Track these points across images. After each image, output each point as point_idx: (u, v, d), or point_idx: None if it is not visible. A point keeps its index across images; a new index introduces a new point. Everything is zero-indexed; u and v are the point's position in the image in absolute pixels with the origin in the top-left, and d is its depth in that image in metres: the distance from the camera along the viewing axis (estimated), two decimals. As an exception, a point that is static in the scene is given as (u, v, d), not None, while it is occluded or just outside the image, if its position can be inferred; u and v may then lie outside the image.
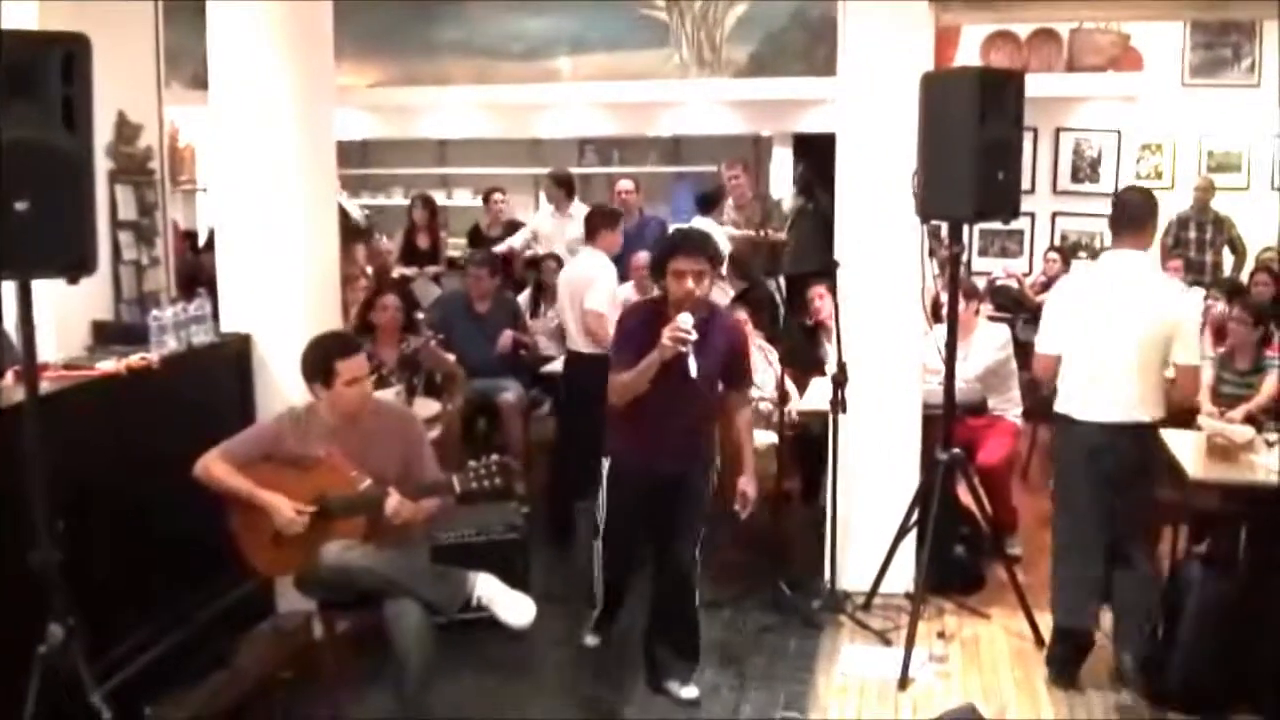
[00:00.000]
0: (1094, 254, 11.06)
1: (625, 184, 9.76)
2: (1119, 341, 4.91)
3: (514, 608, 4.33)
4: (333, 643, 4.62)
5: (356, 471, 4.41)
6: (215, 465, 4.41)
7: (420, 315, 7.64)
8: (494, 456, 4.38)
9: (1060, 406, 5.09)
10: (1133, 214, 5.07)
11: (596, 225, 7.13)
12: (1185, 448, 5.77)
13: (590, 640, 5.36)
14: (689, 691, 4.93)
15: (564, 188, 9.89)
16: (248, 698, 4.88)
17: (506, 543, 5.55)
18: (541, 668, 5.32)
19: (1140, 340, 4.88)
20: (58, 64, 3.35)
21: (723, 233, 9.10)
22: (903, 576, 5.69)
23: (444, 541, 5.32)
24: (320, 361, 4.43)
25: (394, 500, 4.28)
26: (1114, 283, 4.99)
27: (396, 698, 4.34)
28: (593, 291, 6.77)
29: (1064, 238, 11.57)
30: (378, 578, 4.26)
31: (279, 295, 5.48)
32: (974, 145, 4.99)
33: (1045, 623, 5.52)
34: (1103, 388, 4.94)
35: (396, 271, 9.52)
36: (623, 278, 8.37)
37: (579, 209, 9.48)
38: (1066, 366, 5.07)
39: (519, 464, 4.81)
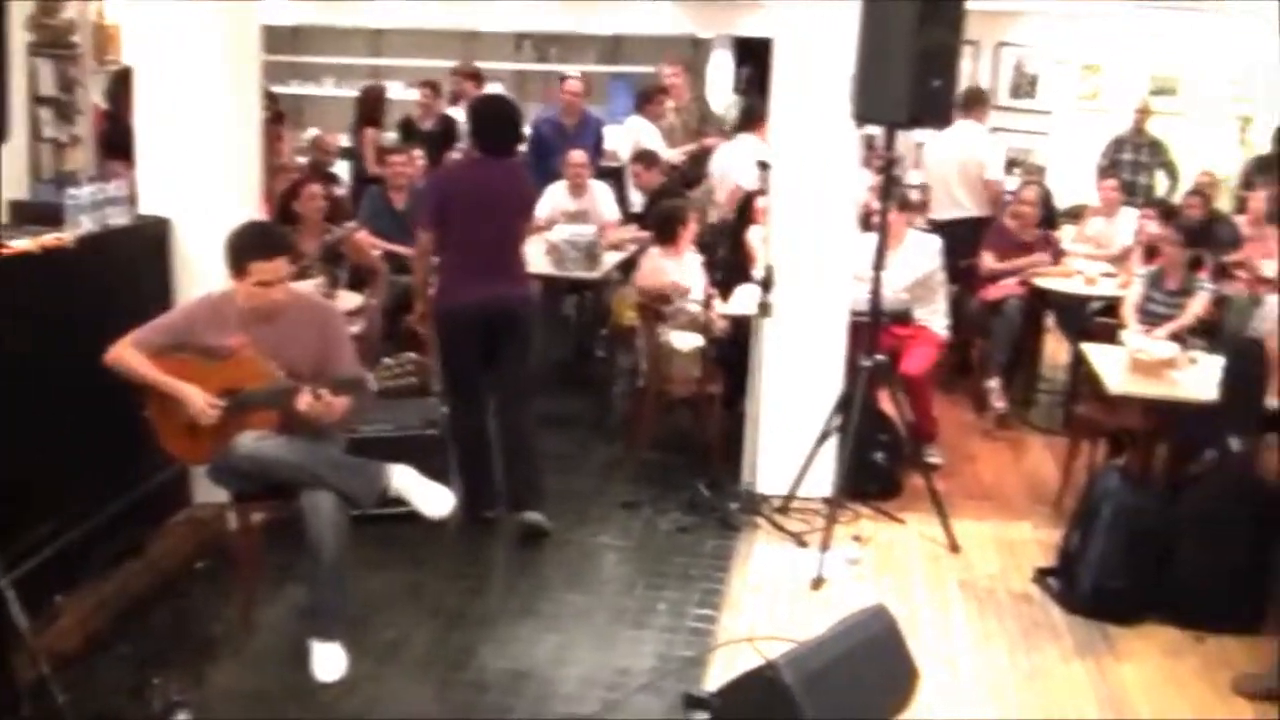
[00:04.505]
0: (1030, 170, 11.07)
1: (573, 83, 9.59)
2: (954, 171, 8.59)
3: (431, 499, 4.30)
4: (247, 534, 4.57)
5: (271, 363, 4.33)
6: (127, 353, 4.31)
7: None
8: (410, 355, 4.31)
9: (931, 214, 8.54)
10: (973, 98, 8.62)
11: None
12: (1107, 362, 5.83)
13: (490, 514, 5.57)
14: (535, 517, 5.50)
15: (472, 79, 9.76)
16: (161, 588, 4.85)
17: (425, 438, 5.51)
18: (458, 564, 5.30)
19: (966, 170, 8.57)
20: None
21: (657, 134, 9.08)
22: (821, 481, 5.69)
23: (362, 435, 5.27)
24: (237, 255, 4.30)
25: (305, 396, 4.20)
26: (956, 140, 8.36)
27: (310, 589, 4.31)
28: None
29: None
30: (291, 467, 4.21)
31: (198, 179, 5.34)
32: (911, 50, 4.95)
33: (959, 530, 5.65)
34: (949, 197, 8.61)
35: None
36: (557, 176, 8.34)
37: None
38: (933, 187, 8.71)
39: (430, 363, 4.79)
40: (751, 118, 8.26)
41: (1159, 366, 5.66)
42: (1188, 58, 11.62)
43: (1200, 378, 5.53)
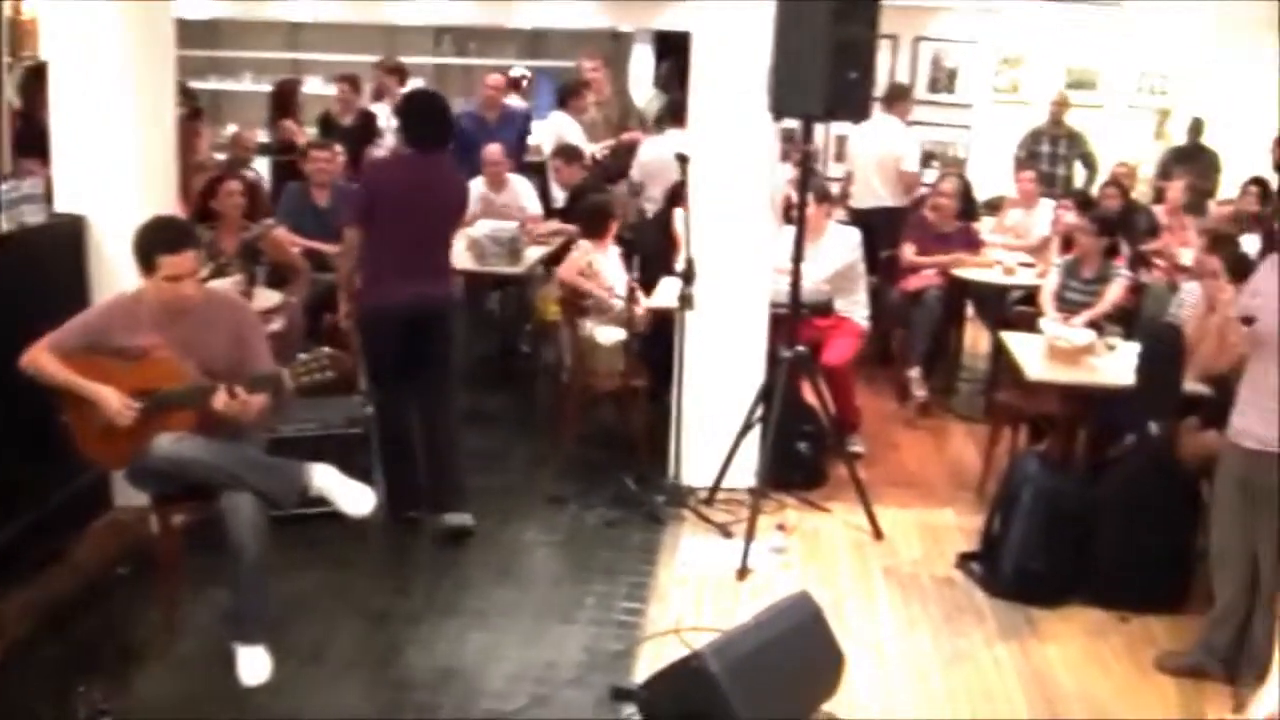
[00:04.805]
0: (949, 163, 11.22)
1: (495, 78, 9.61)
2: (873, 163, 9.00)
3: (352, 498, 4.25)
4: (168, 537, 4.50)
5: (186, 362, 4.28)
6: (42, 357, 4.23)
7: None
8: (325, 350, 4.27)
9: (851, 203, 9.12)
10: (895, 94, 9.26)
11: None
12: (1026, 350, 5.92)
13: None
14: (456, 519, 5.45)
15: (395, 75, 9.71)
16: (84, 593, 4.78)
17: (349, 437, 5.48)
18: (383, 564, 5.29)
19: (884, 164, 8.96)
20: None
21: (579, 129, 9.07)
22: (746, 472, 5.74)
23: (284, 434, 5.23)
24: (144, 250, 4.23)
25: (221, 395, 4.15)
26: (875, 133, 8.75)
27: (232, 592, 4.24)
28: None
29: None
30: (209, 468, 4.15)
31: (114, 176, 5.26)
32: (827, 43, 5.00)
33: (883, 517, 5.72)
34: (868, 188, 9.03)
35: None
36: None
37: None
38: (857, 177, 9.18)
39: (349, 358, 4.70)
40: (676, 112, 8.28)
41: (1076, 353, 5.76)
42: (1106, 51, 11.82)
43: (1118, 364, 5.64)
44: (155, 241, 4.24)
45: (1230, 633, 4.43)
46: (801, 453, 6.12)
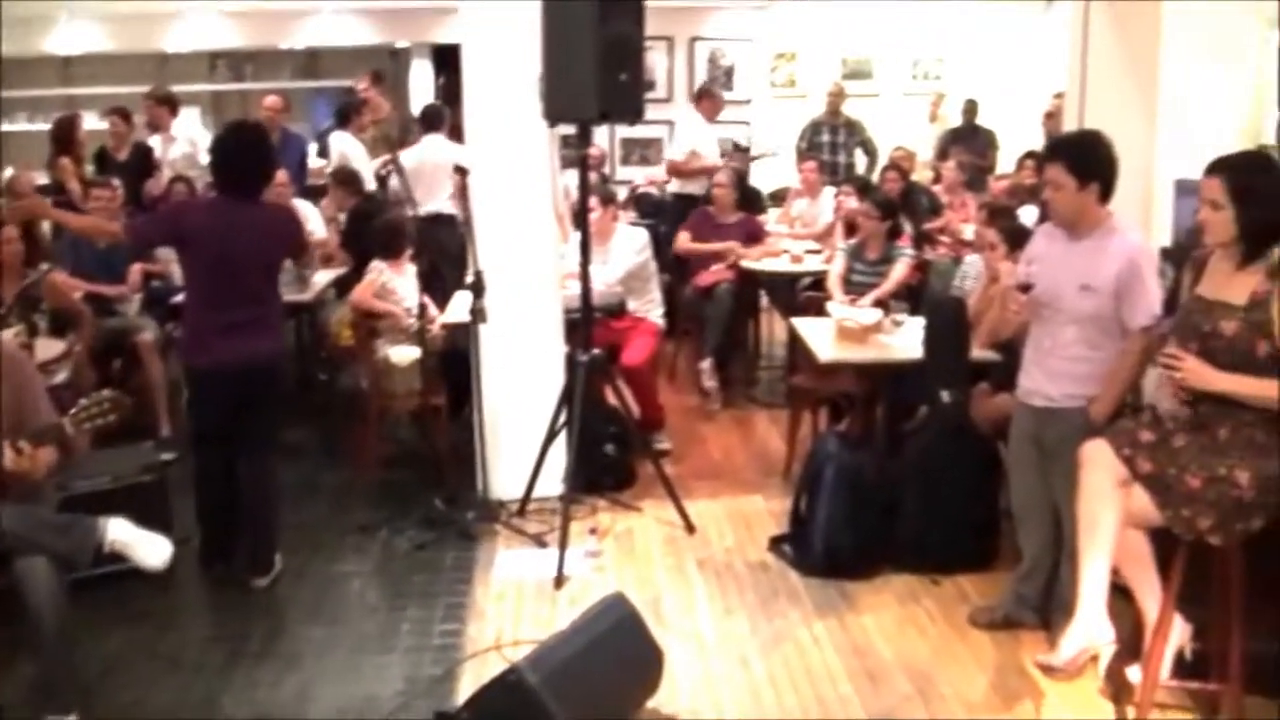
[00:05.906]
0: (729, 156, 11.41)
1: (272, 99, 9.52)
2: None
3: (149, 550, 4.10)
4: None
5: None
6: None
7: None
8: (105, 392, 4.12)
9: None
10: (700, 94, 9.85)
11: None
12: (817, 333, 6.06)
13: (259, 582, 5.26)
14: (264, 581, 5.25)
15: (166, 105, 9.47)
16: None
17: (144, 486, 5.29)
18: (193, 613, 5.14)
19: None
20: None
21: (361, 148, 8.96)
22: (555, 480, 5.74)
23: (77, 491, 5.02)
24: None
25: (7, 452, 3.98)
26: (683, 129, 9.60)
27: (37, 662, 4.07)
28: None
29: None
30: (-5, 534, 3.97)
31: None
32: (595, 45, 5.04)
33: (694, 510, 5.81)
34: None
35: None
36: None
37: (184, 128, 9.08)
38: None
39: (130, 399, 4.46)
40: (431, 120, 8.59)
41: (864, 332, 5.91)
42: (879, 41, 12.22)
43: (907, 339, 5.81)
44: None
45: (1039, 583, 4.63)
46: (609, 455, 6.16)
